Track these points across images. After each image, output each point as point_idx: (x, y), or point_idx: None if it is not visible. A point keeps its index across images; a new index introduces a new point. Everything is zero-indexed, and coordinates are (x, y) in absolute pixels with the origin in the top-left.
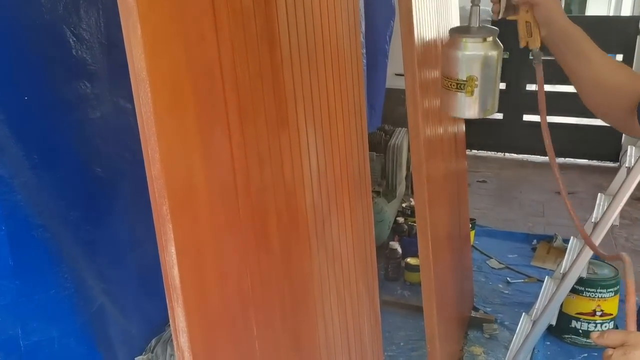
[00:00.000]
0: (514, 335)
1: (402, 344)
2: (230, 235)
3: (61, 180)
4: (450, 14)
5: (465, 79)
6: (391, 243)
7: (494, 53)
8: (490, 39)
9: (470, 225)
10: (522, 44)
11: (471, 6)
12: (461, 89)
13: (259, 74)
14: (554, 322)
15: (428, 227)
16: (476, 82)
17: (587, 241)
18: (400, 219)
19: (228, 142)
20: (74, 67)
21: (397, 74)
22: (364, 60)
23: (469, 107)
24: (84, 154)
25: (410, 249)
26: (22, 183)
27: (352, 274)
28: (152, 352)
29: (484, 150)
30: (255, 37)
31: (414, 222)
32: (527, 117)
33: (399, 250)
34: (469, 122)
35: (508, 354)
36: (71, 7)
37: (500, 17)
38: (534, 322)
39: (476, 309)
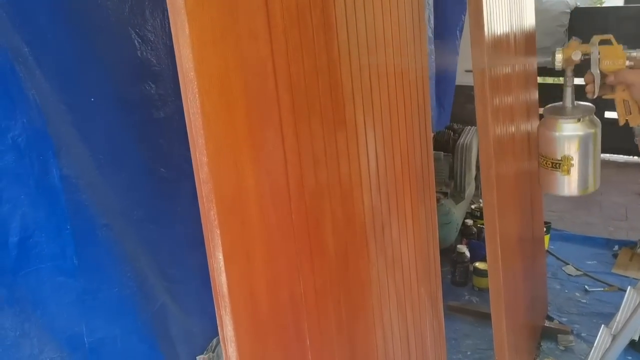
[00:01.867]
0: (591, 349)
1: (469, 352)
2: (282, 240)
3: (125, 180)
4: (524, 7)
5: (560, 158)
6: (459, 246)
7: (589, 132)
8: (586, 118)
9: (545, 229)
10: (621, 122)
11: (565, 87)
12: (557, 168)
13: (314, 72)
14: (637, 338)
15: (497, 231)
16: (572, 162)
17: None
18: (469, 222)
19: (281, 144)
20: (139, 68)
21: (467, 71)
22: (432, 56)
23: (566, 185)
24: (148, 154)
25: (479, 252)
26: (87, 183)
27: (413, 280)
28: (213, 352)
29: None
30: (311, 32)
31: (483, 224)
32: (608, 114)
33: (467, 253)
34: None
35: None
36: (136, 9)
37: (595, 96)
38: (614, 336)
39: (550, 319)
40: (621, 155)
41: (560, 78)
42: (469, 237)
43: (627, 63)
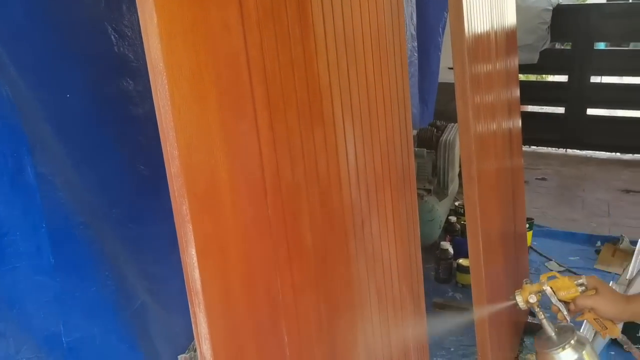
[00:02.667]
0: None
1: (452, 349)
2: (258, 236)
3: (104, 178)
4: (505, 4)
5: None
6: (442, 243)
7: (581, 353)
8: (573, 339)
9: (528, 226)
10: (603, 337)
11: (541, 321)
12: None
13: (290, 65)
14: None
15: (479, 227)
16: None
17: None
18: (453, 218)
19: (256, 138)
20: (116, 64)
21: (450, 68)
22: (415, 54)
23: None
24: (127, 152)
25: (463, 249)
26: (64, 181)
27: (394, 277)
28: (195, 351)
29: (544, 146)
30: (286, 25)
31: None
32: (591, 111)
33: (451, 250)
34: (528, 117)
35: None
36: (113, 4)
37: (570, 319)
38: (596, 332)
39: (533, 315)
40: (603, 152)
41: (543, 75)
42: (452, 234)
43: (580, 289)
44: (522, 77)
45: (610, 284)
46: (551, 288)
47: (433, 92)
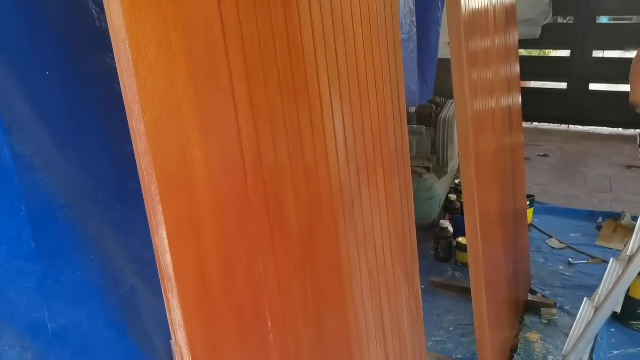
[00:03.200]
0: (574, 321)
1: (451, 328)
2: (237, 217)
3: (88, 159)
4: None
5: None
6: (442, 222)
7: None
8: None
9: (529, 203)
10: None
11: None
12: None
13: (271, 35)
14: (619, 310)
15: (476, 205)
16: None
17: None
18: (452, 197)
19: (233, 113)
20: (99, 40)
21: (448, 43)
22: (414, 29)
23: None
24: (113, 131)
25: (462, 227)
26: (44, 161)
27: (387, 257)
28: None
29: (547, 122)
30: None
31: None
32: (593, 86)
33: (450, 229)
34: (530, 93)
35: (568, 342)
36: None
37: None
38: (597, 309)
39: (534, 292)
40: (606, 128)
41: (545, 50)
42: (452, 213)
43: None
44: (523, 52)
45: (611, 261)
46: None
47: (432, 69)
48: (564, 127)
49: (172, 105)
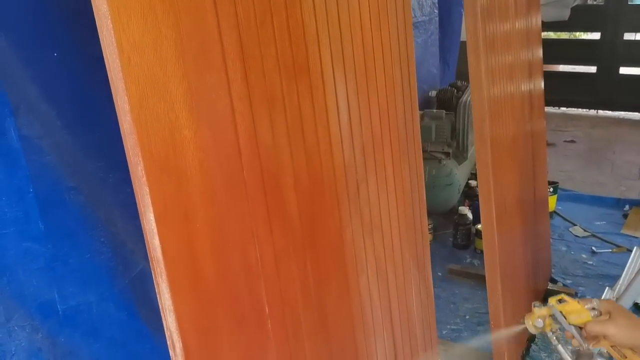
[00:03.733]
0: None
1: (467, 317)
2: (231, 200)
3: (98, 140)
4: None
5: None
6: (461, 208)
7: None
8: None
9: (552, 190)
10: None
11: (556, 346)
12: None
13: (268, 10)
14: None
15: (492, 192)
16: None
17: None
18: (473, 182)
19: (226, 91)
20: None
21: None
22: (436, 11)
23: None
24: None
25: None
26: (53, 143)
27: (396, 244)
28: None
29: (575, 107)
30: None
31: None
32: (623, 70)
33: (469, 215)
34: (558, 77)
35: None
36: None
37: (586, 347)
38: (617, 299)
39: (554, 281)
40: (636, 113)
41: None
42: (472, 199)
43: (592, 314)
44: (552, 35)
45: (635, 249)
46: (561, 312)
47: (455, 51)
48: (592, 112)
49: (157, 83)
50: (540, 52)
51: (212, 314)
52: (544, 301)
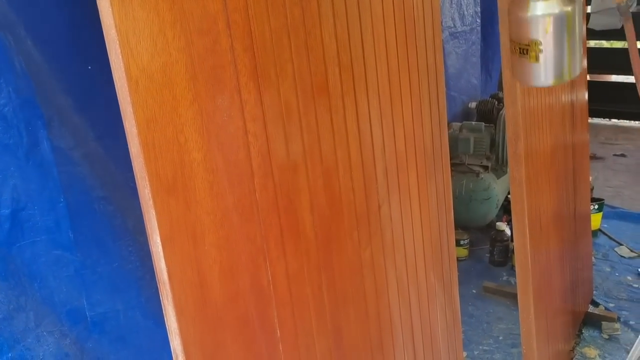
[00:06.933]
0: (638, 338)
1: (500, 337)
2: (242, 222)
3: (129, 151)
4: None
5: (527, 43)
6: (498, 224)
7: (562, 11)
8: None
9: (597, 207)
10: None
11: None
12: (524, 54)
13: (285, 30)
14: None
15: (525, 209)
16: (540, 47)
17: None
18: None
19: (239, 113)
20: None
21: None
22: (478, 20)
23: (535, 75)
24: None
25: None
26: (84, 154)
27: (420, 265)
28: None
29: (626, 119)
30: None
31: None
32: None
33: (507, 231)
34: (609, 88)
35: None
36: None
37: None
38: None
39: (595, 304)
40: None
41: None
42: (510, 214)
43: None
44: (605, 44)
45: None
46: None
47: (497, 61)
48: None
49: (166, 106)
50: (584, 62)
51: (220, 338)
52: (584, 324)
